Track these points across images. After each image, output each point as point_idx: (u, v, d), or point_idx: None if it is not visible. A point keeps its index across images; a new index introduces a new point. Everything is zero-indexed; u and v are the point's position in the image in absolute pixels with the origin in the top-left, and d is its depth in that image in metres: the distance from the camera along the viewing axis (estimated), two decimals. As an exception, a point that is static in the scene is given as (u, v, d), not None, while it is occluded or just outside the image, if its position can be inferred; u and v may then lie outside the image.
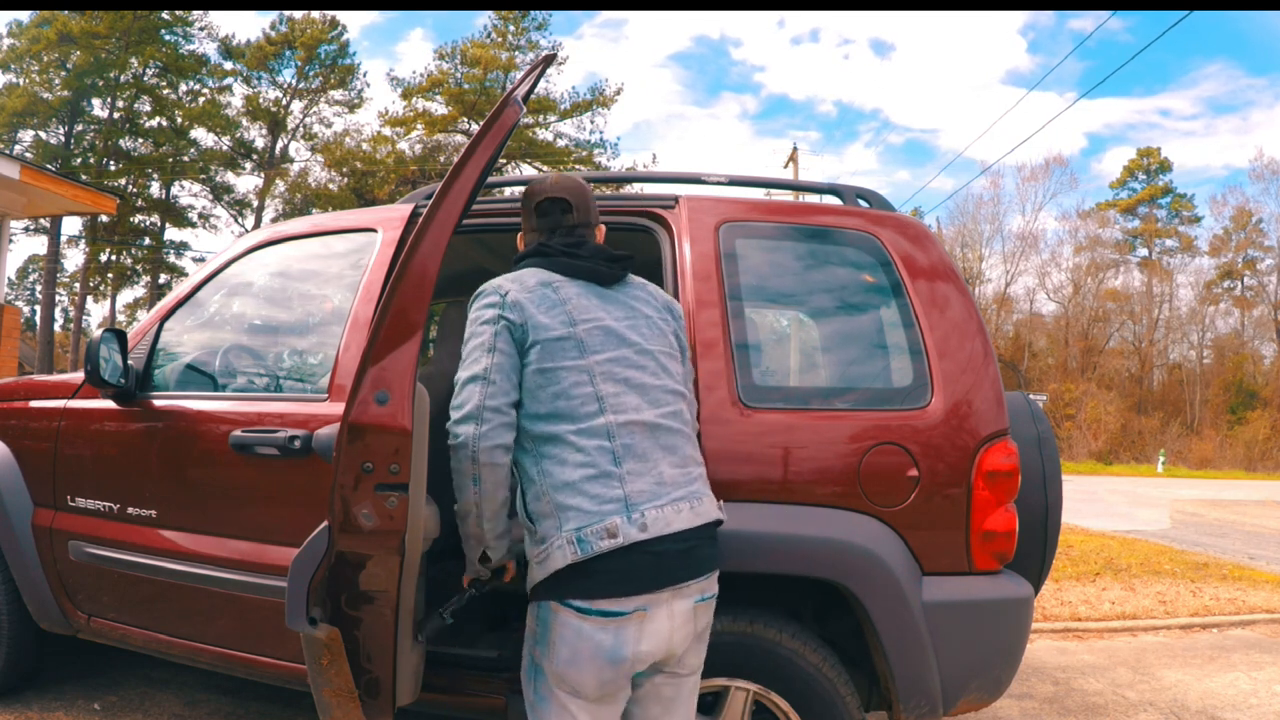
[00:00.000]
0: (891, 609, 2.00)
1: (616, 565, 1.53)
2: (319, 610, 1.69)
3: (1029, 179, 40.10)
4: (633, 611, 1.54)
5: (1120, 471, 26.31)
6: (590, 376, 1.64)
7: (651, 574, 1.55)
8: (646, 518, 1.55)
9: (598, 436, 1.60)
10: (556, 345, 1.65)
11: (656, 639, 1.58)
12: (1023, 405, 2.37)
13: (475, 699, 2.21)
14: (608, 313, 1.73)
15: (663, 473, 1.62)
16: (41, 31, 29.36)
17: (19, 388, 3.01)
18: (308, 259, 2.77)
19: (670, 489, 1.62)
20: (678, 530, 1.58)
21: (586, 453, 1.59)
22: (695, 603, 1.63)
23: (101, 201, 10.25)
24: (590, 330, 1.68)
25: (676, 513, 1.60)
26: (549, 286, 1.71)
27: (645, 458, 1.62)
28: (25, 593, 2.74)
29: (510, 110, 1.78)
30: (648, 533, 1.54)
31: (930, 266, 2.27)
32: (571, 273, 1.76)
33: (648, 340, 1.74)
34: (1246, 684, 4.03)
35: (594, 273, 1.76)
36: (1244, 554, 8.33)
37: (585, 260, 1.77)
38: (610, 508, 1.55)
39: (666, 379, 1.73)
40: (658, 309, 1.82)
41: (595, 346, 1.67)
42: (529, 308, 1.67)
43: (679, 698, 1.72)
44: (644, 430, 1.64)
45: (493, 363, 1.63)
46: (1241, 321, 39.93)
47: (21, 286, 37.51)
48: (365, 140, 33.74)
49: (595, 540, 1.53)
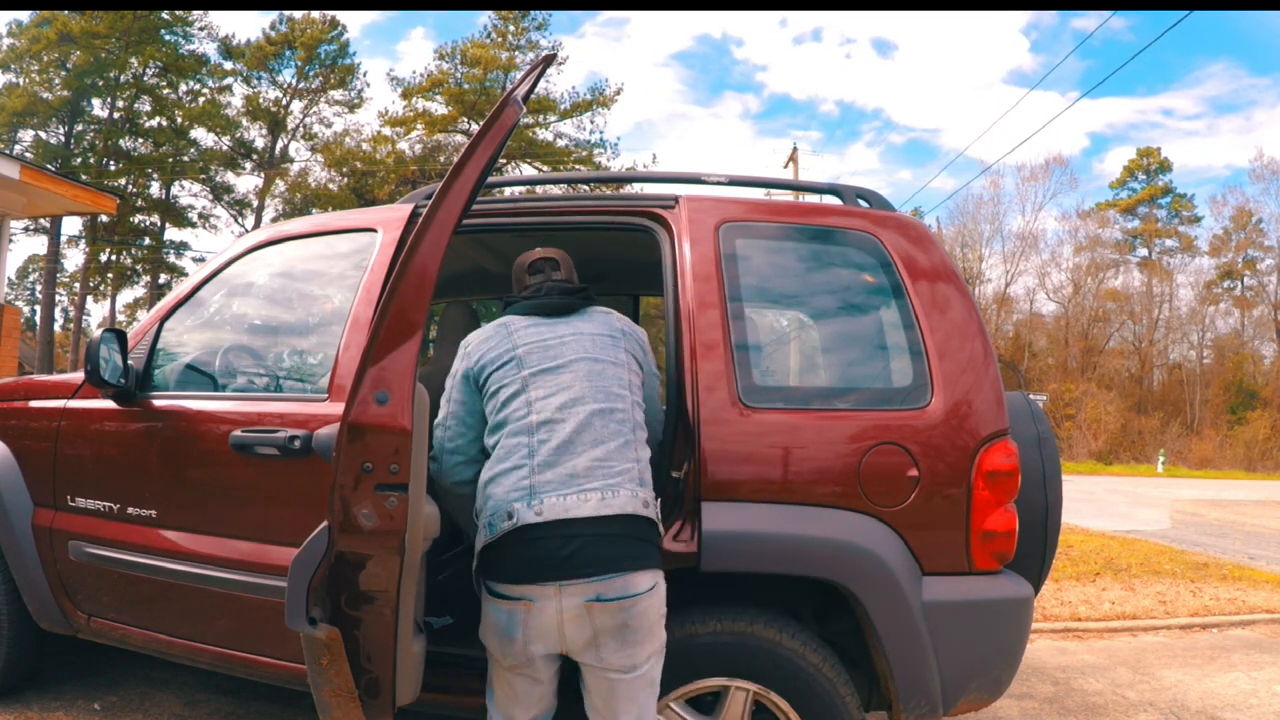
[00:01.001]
0: (891, 609, 2.00)
1: (512, 552, 1.69)
2: (319, 610, 1.69)
3: (1029, 179, 40.14)
4: (519, 599, 1.69)
5: (1120, 471, 26.31)
6: (525, 386, 1.83)
7: (539, 568, 1.67)
8: (544, 504, 1.69)
9: (521, 434, 1.77)
10: (501, 369, 1.86)
11: (545, 631, 1.70)
12: (1023, 405, 2.37)
13: (475, 699, 2.21)
14: (553, 331, 1.91)
15: (576, 465, 1.73)
16: (41, 31, 29.33)
17: (19, 388, 3.01)
18: (308, 259, 2.77)
19: (582, 480, 1.71)
20: (577, 517, 1.67)
21: (509, 450, 1.77)
22: (587, 601, 1.66)
23: (101, 201, 10.24)
24: (530, 349, 1.88)
25: (582, 501, 1.69)
26: (504, 326, 1.95)
27: (561, 451, 1.74)
28: (25, 593, 2.74)
29: (510, 110, 1.78)
30: (542, 517, 1.67)
31: (930, 267, 2.27)
32: (525, 311, 1.98)
33: (588, 350, 1.88)
34: (1246, 684, 4.03)
35: (544, 307, 1.97)
36: (1244, 554, 8.33)
37: (540, 298, 1.99)
38: (516, 495, 1.71)
39: (603, 382, 1.84)
40: (610, 327, 1.97)
41: (532, 361, 1.86)
42: (481, 349, 1.91)
43: (620, 691, 1.74)
44: (564, 426, 1.76)
45: (449, 411, 1.93)
46: (1241, 321, 39.96)
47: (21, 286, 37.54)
48: (365, 140, 33.71)
49: (498, 522, 1.71)
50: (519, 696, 1.81)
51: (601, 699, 1.77)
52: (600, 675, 1.75)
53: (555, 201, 2.55)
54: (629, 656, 1.73)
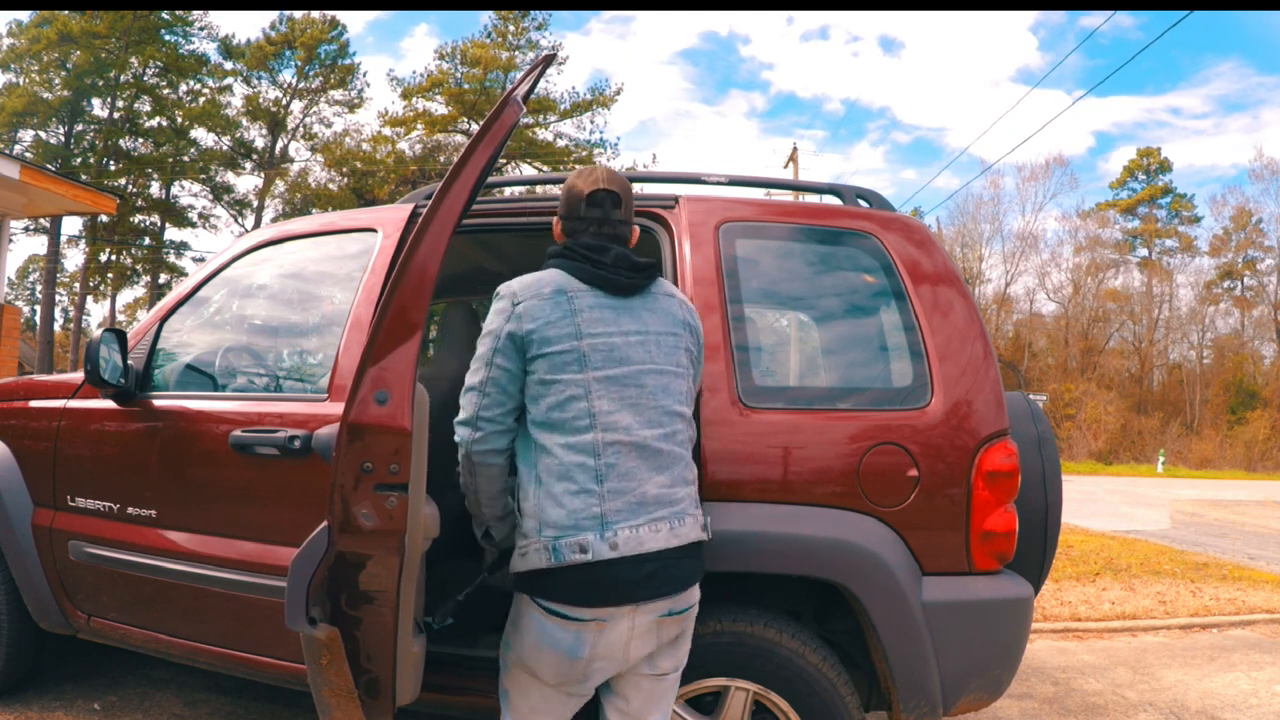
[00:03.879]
0: (891, 609, 2.00)
1: (583, 577, 1.60)
2: (319, 610, 1.69)
3: (1029, 179, 40.15)
4: (592, 620, 1.61)
5: (1120, 471, 26.30)
6: (586, 392, 1.66)
7: (614, 592, 1.60)
8: (619, 537, 1.60)
9: (583, 453, 1.63)
10: (559, 358, 1.66)
11: (613, 646, 1.64)
12: (1023, 405, 2.37)
13: (475, 699, 2.21)
14: (618, 326, 1.72)
15: (645, 492, 1.65)
16: (41, 31, 29.33)
17: (19, 388, 3.01)
18: (307, 259, 2.77)
19: (651, 508, 1.64)
20: (651, 551, 1.62)
21: (570, 468, 1.63)
22: (660, 617, 1.66)
23: (101, 201, 10.24)
24: (595, 345, 1.68)
25: (654, 533, 1.63)
26: (564, 295, 1.71)
27: (629, 477, 1.64)
28: (25, 592, 2.74)
29: (510, 110, 1.77)
30: (618, 551, 1.59)
31: (931, 267, 2.27)
32: (591, 280, 1.73)
33: (654, 358, 1.73)
34: (1246, 684, 4.03)
35: (613, 283, 1.74)
36: (1244, 554, 8.33)
37: (606, 270, 1.74)
38: (586, 523, 1.60)
39: (667, 399, 1.72)
40: (674, 324, 1.79)
41: (597, 363, 1.67)
42: (536, 316, 1.68)
43: (658, 691, 1.76)
44: (632, 450, 1.65)
45: (489, 376, 1.69)
46: (1241, 321, 39.95)
47: (21, 286, 37.54)
48: (365, 140, 33.74)
49: (567, 552, 1.59)
50: (553, 711, 1.73)
51: (640, 701, 1.75)
52: (644, 679, 1.73)
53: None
54: (676, 659, 1.76)
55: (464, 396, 1.71)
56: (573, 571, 1.60)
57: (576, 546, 1.59)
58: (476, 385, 1.70)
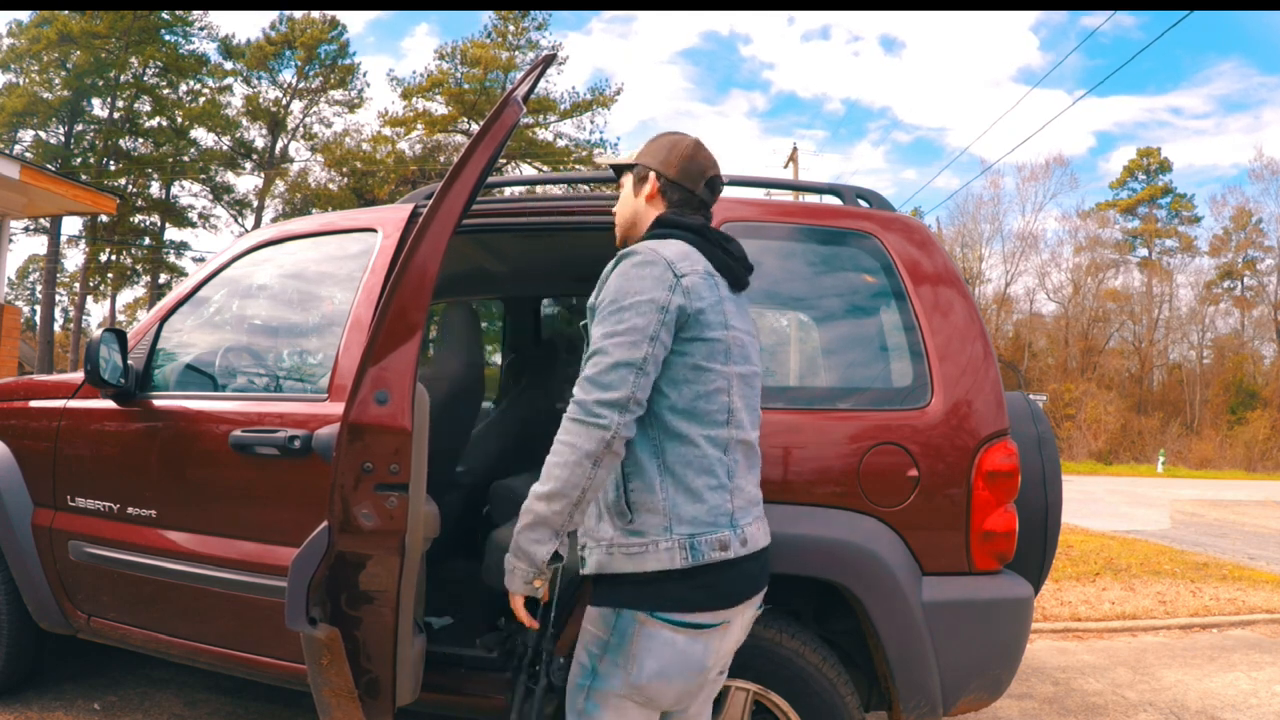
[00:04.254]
0: (891, 609, 2.00)
1: (714, 578, 1.52)
2: (319, 610, 1.69)
3: (1029, 179, 40.16)
4: (720, 624, 1.54)
5: (1120, 471, 26.31)
6: (728, 385, 1.58)
7: (742, 589, 1.57)
8: (746, 533, 1.56)
9: (719, 447, 1.56)
10: (713, 346, 1.55)
11: (725, 651, 1.60)
12: (1023, 405, 2.37)
13: (475, 699, 2.21)
14: (742, 323, 1.65)
15: (751, 492, 1.64)
16: (41, 31, 29.34)
17: (19, 388, 3.01)
18: (308, 259, 2.77)
19: (754, 507, 1.63)
20: (761, 547, 1.61)
21: (710, 461, 1.54)
22: (756, 609, 1.65)
23: (101, 201, 10.24)
24: (735, 339, 1.60)
25: (760, 531, 1.62)
26: (713, 278, 1.59)
27: (744, 476, 1.62)
28: (25, 592, 2.74)
29: (510, 110, 1.78)
30: (747, 548, 1.56)
31: (931, 267, 2.27)
32: (721, 268, 1.62)
33: (755, 361, 1.70)
34: (1246, 684, 4.03)
35: (737, 278, 1.66)
36: (1244, 554, 8.33)
37: (735, 261, 1.66)
38: (723, 520, 1.53)
39: (757, 400, 1.70)
40: (754, 328, 1.75)
41: (736, 357, 1.60)
42: (704, 296, 1.55)
43: (711, 691, 1.73)
44: (746, 448, 1.63)
45: (651, 353, 1.49)
46: (1241, 321, 39.96)
47: (21, 286, 37.52)
48: (365, 140, 33.76)
49: (708, 550, 1.50)
50: None
51: (698, 706, 1.70)
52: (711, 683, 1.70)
53: (555, 201, 2.55)
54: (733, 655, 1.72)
55: (612, 373, 1.46)
56: (707, 571, 1.50)
57: (717, 544, 1.51)
58: (636, 362, 1.47)
